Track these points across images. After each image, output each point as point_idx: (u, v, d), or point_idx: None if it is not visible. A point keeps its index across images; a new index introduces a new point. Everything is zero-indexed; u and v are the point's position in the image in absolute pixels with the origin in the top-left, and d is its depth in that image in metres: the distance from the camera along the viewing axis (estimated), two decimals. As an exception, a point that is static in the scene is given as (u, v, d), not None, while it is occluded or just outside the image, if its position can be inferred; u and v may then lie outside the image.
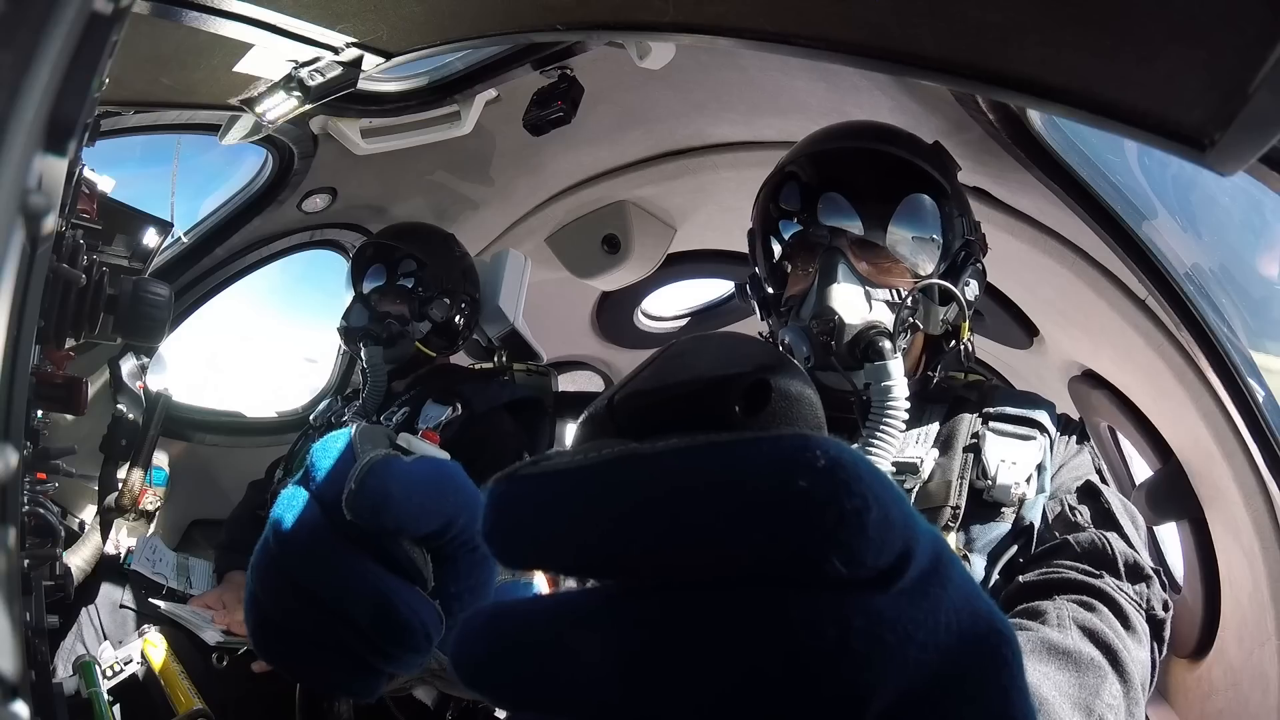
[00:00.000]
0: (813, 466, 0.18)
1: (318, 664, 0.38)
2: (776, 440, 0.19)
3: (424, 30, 1.02)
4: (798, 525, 0.17)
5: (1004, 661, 0.20)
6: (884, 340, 0.87)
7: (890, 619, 0.18)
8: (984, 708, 0.20)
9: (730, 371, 0.27)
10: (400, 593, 0.37)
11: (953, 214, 0.96)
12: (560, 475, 0.20)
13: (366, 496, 0.36)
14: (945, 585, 0.20)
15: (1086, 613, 0.72)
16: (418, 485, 0.38)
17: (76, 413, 0.91)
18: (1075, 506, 0.84)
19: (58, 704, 0.87)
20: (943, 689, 0.19)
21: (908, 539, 0.19)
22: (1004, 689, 0.20)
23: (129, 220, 1.40)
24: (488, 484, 0.22)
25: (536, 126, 1.66)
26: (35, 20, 0.25)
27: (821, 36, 0.65)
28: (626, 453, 0.20)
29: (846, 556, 0.17)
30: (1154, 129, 0.50)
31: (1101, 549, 0.77)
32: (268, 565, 0.38)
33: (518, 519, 0.21)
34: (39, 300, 0.59)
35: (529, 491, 0.21)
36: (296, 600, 0.37)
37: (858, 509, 0.17)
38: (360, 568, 0.37)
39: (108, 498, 1.53)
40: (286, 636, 0.38)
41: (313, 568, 0.37)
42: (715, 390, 0.26)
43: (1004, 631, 0.21)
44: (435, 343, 1.79)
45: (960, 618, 0.20)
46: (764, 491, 0.18)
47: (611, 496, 0.19)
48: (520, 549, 0.21)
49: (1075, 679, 0.66)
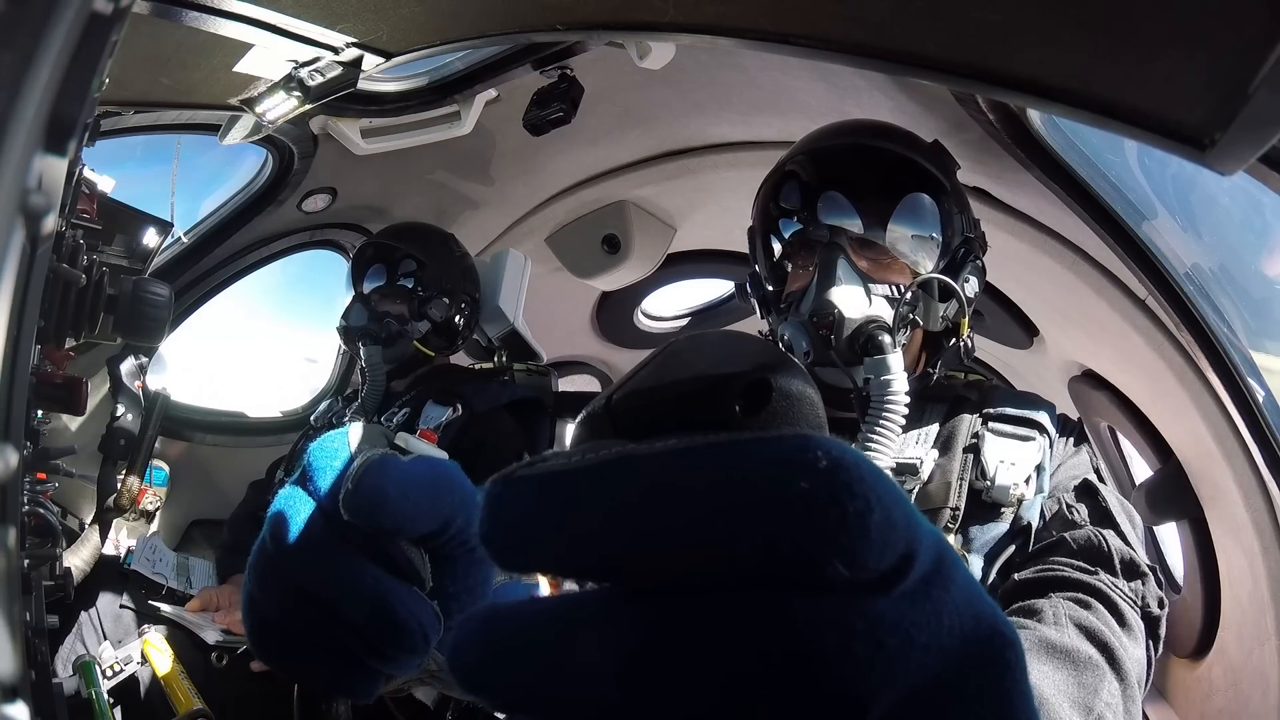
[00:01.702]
0: (814, 467, 0.17)
1: (315, 664, 0.38)
2: (777, 440, 0.18)
3: (424, 30, 1.02)
4: (799, 527, 0.17)
5: (1007, 664, 0.20)
6: (883, 335, 0.86)
7: (892, 622, 0.18)
8: (987, 710, 0.20)
9: (729, 370, 0.26)
10: (398, 593, 0.37)
11: (952, 211, 0.96)
12: (556, 477, 0.20)
13: (363, 496, 0.35)
14: (948, 587, 0.19)
15: (1083, 610, 0.72)
16: (415, 485, 0.37)
17: (76, 413, 0.91)
18: (1073, 505, 0.84)
19: (58, 704, 0.87)
20: (945, 691, 0.19)
21: (910, 541, 0.18)
22: (1007, 692, 0.20)
23: (129, 220, 1.40)
24: (484, 485, 0.21)
25: (536, 126, 1.66)
26: (35, 20, 0.25)
27: (822, 36, 0.65)
28: (624, 454, 0.19)
29: (848, 559, 0.17)
30: (1154, 129, 0.50)
31: (1097, 546, 0.78)
32: (265, 566, 0.38)
33: (514, 521, 0.20)
34: (39, 300, 0.59)
35: (525, 494, 0.20)
36: (294, 601, 0.37)
37: (860, 510, 0.17)
38: (357, 568, 0.36)
39: (107, 498, 1.53)
40: (284, 637, 0.38)
41: (310, 568, 0.37)
42: (715, 389, 0.25)
43: (1007, 634, 0.20)
44: (434, 342, 1.79)
45: (963, 620, 0.19)
46: (764, 493, 0.18)
47: (608, 498, 0.19)
48: (517, 551, 0.21)
49: (1074, 678, 0.66)
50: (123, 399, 1.52)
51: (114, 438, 1.52)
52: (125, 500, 1.53)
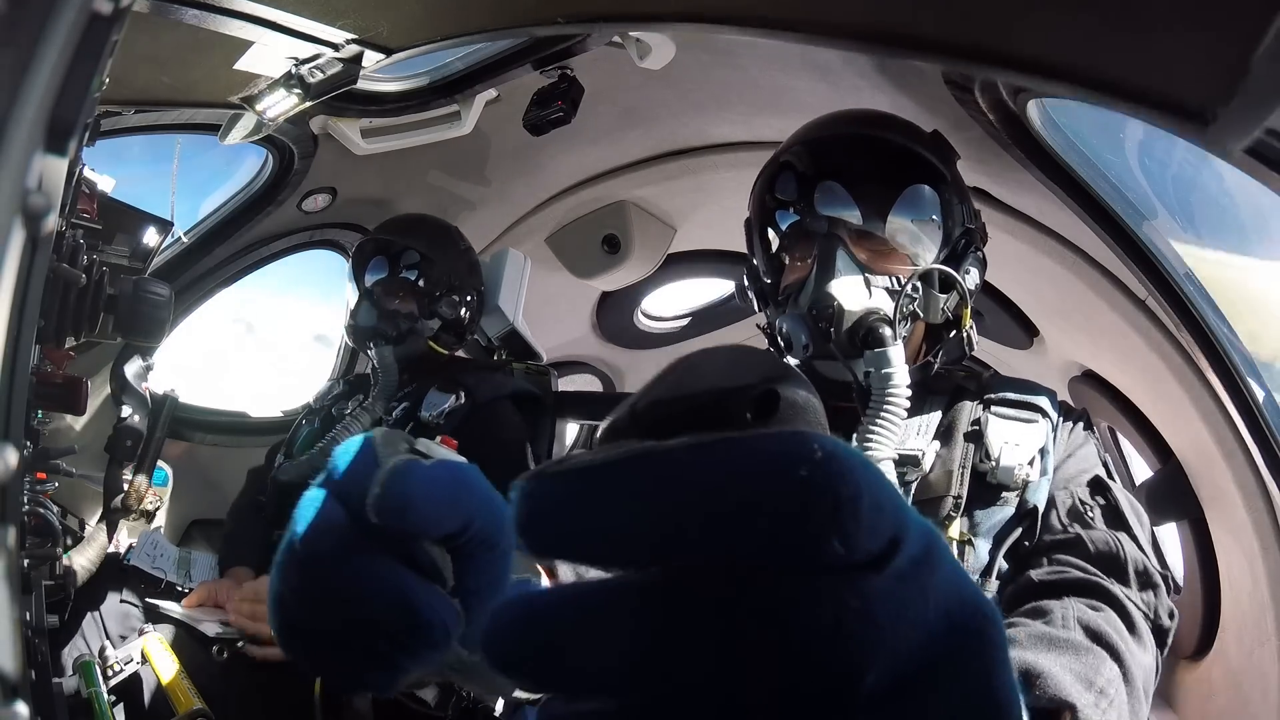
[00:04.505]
0: (811, 459, 0.19)
1: (340, 660, 0.39)
2: (779, 436, 0.20)
3: (424, 26, 1.02)
4: (799, 509, 0.19)
5: (989, 641, 0.22)
6: (884, 327, 0.85)
7: (882, 598, 0.20)
8: (969, 682, 0.22)
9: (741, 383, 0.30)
10: (422, 592, 0.39)
11: (952, 201, 0.95)
12: (585, 471, 0.22)
13: (391, 500, 0.37)
14: (934, 572, 0.21)
15: (1092, 613, 0.72)
16: (438, 488, 0.39)
17: (76, 413, 0.91)
18: (1087, 501, 0.83)
19: (58, 704, 0.87)
20: (932, 665, 0.21)
21: (898, 526, 0.20)
22: (988, 665, 0.22)
23: (129, 220, 1.39)
24: (517, 481, 0.23)
25: (536, 126, 1.66)
26: (35, 20, 0.25)
27: (822, 21, 0.65)
28: (645, 449, 0.21)
29: (842, 538, 0.19)
30: (1155, 106, 0.50)
31: (1114, 554, 0.77)
32: (292, 565, 0.39)
33: (546, 512, 0.22)
34: (39, 300, 0.59)
35: (556, 487, 0.22)
36: (321, 600, 0.38)
37: (852, 496, 0.19)
38: (383, 568, 0.38)
39: (114, 499, 1.53)
40: (311, 634, 0.40)
41: (337, 569, 0.38)
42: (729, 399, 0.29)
43: (988, 614, 0.22)
44: (445, 340, 1.80)
45: (948, 600, 0.21)
46: (769, 482, 0.19)
47: (631, 489, 0.21)
48: (549, 540, 0.22)
49: (1075, 658, 0.66)
50: (129, 400, 1.52)
51: (121, 438, 1.52)
52: (133, 500, 1.53)
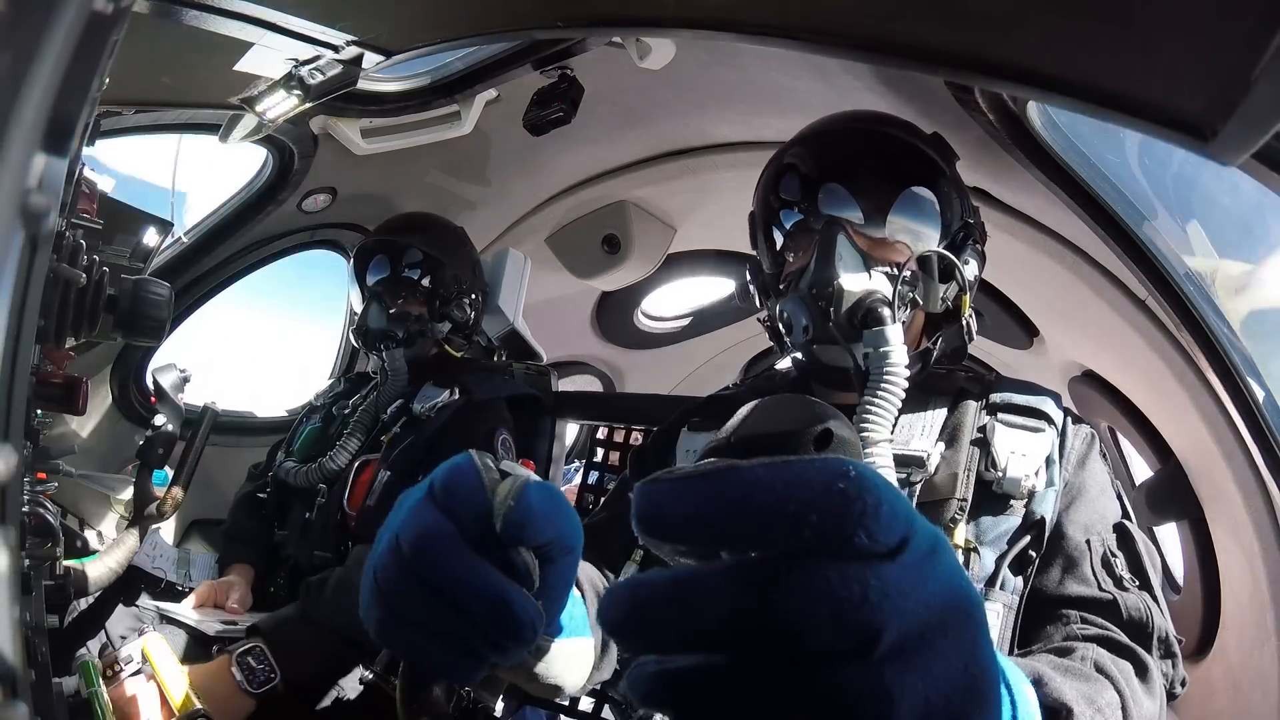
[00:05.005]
0: (847, 476, 0.28)
1: (431, 650, 0.45)
2: (825, 460, 0.29)
3: (424, 28, 1.02)
4: (839, 510, 0.28)
5: (974, 620, 0.31)
6: (883, 307, 0.86)
7: (895, 580, 0.28)
8: (960, 646, 0.30)
9: (806, 425, 0.51)
10: (517, 595, 0.45)
11: (951, 195, 0.96)
12: (688, 478, 0.30)
13: (518, 514, 0.44)
14: (937, 566, 0.30)
15: (1108, 655, 0.72)
16: (545, 503, 0.46)
17: (76, 413, 0.91)
18: (1115, 553, 0.83)
19: (58, 704, 0.87)
20: (931, 633, 0.29)
21: (908, 527, 0.29)
22: (974, 637, 0.31)
23: (129, 220, 1.39)
24: (638, 484, 0.31)
25: (536, 126, 1.66)
26: (35, 20, 0.25)
27: (824, 29, 0.65)
28: (732, 464, 0.30)
29: (867, 533, 0.28)
30: (1156, 119, 0.50)
31: (1143, 623, 0.77)
32: (398, 565, 0.44)
33: (659, 507, 0.30)
34: (39, 300, 0.59)
35: (665, 489, 0.30)
36: (421, 596, 0.44)
37: (875, 502, 0.28)
38: (484, 571, 0.44)
39: (146, 505, 1.53)
40: (405, 625, 0.45)
41: (443, 570, 0.44)
42: (799, 436, 0.50)
43: (975, 600, 0.32)
44: (456, 342, 1.81)
45: (945, 588, 0.30)
46: (817, 490, 0.28)
47: (720, 492, 0.29)
48: (660, 528, 0.31)
49: (1082, 681, 0.66)
50: (164, 408, 1.52)
51: (153, 445, 1.53)
52: (168, 508, 1.54)
